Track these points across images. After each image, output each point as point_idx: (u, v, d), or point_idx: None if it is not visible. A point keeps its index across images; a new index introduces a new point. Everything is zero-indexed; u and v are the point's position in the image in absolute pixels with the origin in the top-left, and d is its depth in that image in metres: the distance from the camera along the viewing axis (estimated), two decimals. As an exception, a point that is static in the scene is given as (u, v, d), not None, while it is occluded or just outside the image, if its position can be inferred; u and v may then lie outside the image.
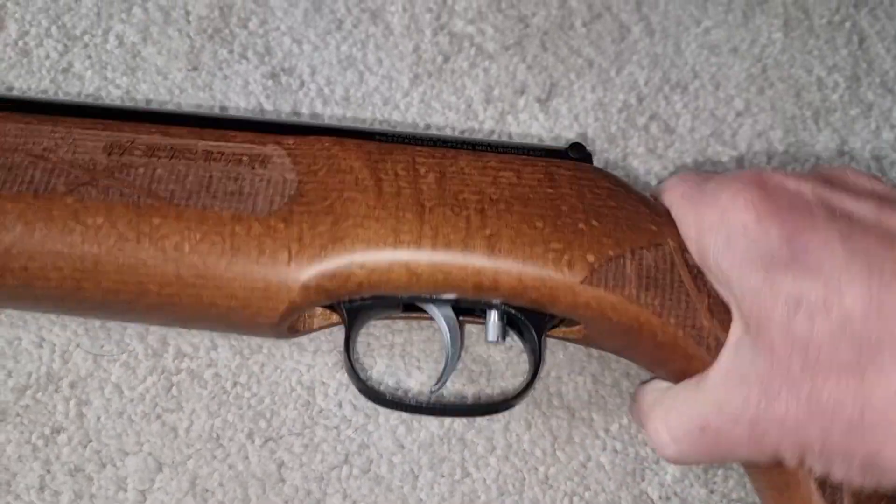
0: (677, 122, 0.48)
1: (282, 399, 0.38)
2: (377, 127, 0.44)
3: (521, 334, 0.37)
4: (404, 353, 0.40)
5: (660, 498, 0.39)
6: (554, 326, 0.37)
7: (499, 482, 0.38)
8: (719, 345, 0.33)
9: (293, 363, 0.39)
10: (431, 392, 0.36)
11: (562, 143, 0.46)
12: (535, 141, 0.46)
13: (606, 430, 0.40)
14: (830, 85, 0.50)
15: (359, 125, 0.44)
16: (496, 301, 0.34)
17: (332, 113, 0.45)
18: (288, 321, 0.34)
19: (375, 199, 0.33)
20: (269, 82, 0.46)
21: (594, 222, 0.34)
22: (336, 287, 0.33)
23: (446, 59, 0.47)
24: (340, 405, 0.39)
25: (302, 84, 0.46)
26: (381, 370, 0.39)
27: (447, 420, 0.39)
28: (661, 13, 0.51)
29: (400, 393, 0.38)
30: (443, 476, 0.38)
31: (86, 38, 0.46)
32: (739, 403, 0.30)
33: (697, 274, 0.34)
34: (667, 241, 0.34)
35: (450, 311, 0.36)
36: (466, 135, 0.46)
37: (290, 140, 0.35)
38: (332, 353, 0.39)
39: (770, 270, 0.30)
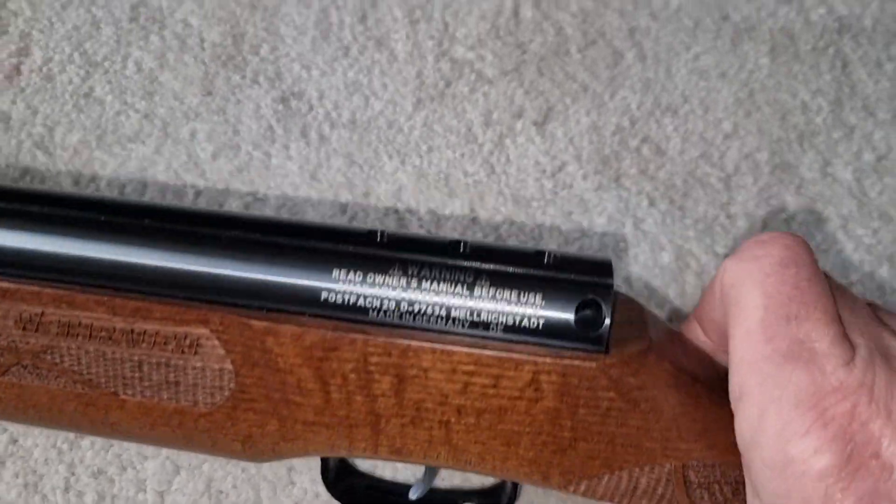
0: (668, 144, 0.50)
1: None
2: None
3: None
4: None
5: None
6: None
7: (495, 487, 0.40)
8: None
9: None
10: (412, 499, 0.35)
11: (557, 164, 0.48)
12: (531, 163, 0.48)
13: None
14: (815, 108, 0.52)
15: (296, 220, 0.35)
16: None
17: (339, 135, 0.48)
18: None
19: (323, 405, 0.29)
20: (280, 106, 0.48)
21: (581, 443, 0.29)
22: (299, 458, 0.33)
23: (448, 84, 0.50)
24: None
25: (311, 108, 0.48)
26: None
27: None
28: (653, 40, 0.53)
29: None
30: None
31: (106, 63, 0.48)
32: None
33: (696, 488, 0.29)
34: (668, 463, 0.29)
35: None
36: (466, 158, 0.48)
37: (217, 319, 0.30)
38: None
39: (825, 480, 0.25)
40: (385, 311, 0.29)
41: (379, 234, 0.30)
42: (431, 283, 0.29)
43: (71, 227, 0.30)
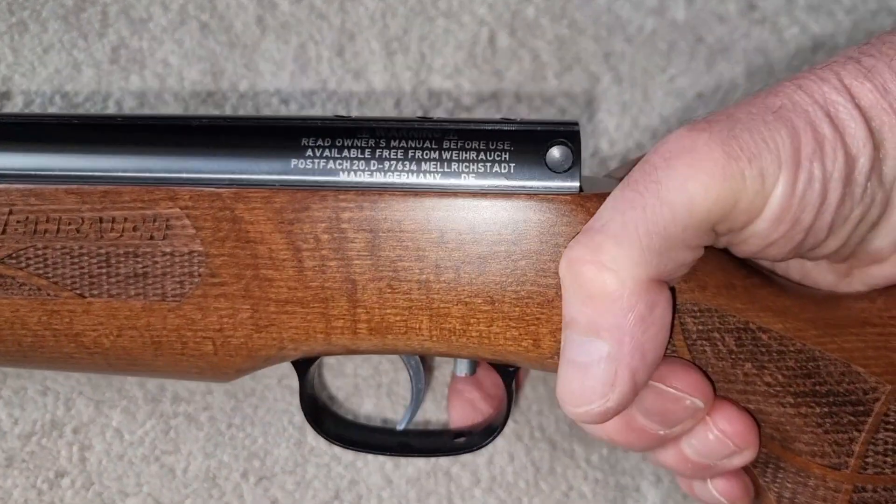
0: (647, 164, 0.50)
1: (274, 439, 0.40)
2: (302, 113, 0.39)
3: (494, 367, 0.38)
4: (391, 393, 0.42)
5: (640, 524, 0.40)
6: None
7: (484, 513, 0.40)
8: None
9: (285, 404, 0.41)
10: (398, 430, 0.36)
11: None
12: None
13: (587, 461, 0.41)
14: (792, 125, 0.53)
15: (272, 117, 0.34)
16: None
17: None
18: (237, 378, 0.33)
19: (297, 276, 0.29)
20: (260, 140, 0.49)
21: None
22: (273, 362, 0.31)
23: (426, 114, 0.50)
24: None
25: (290, 141, 0.49)
26: (368, 409, 0.41)
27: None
28: (629, 63, 0.54)
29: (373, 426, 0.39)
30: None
31: (87, 105, 0.49)
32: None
33: (693, 332, 0.29)
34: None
35: (415, 358, 0.35)
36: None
37: (186, 195, 0.29)
38: (321, 393, 0.41)
39: None
40: (355, 171, 0.29)
41: (346, 116, 0.30)
42: (399, 142, 0.29)
43: (46, 131, 0.31)
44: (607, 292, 0.26)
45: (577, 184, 0.29)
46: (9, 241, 0.29)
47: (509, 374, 0.34)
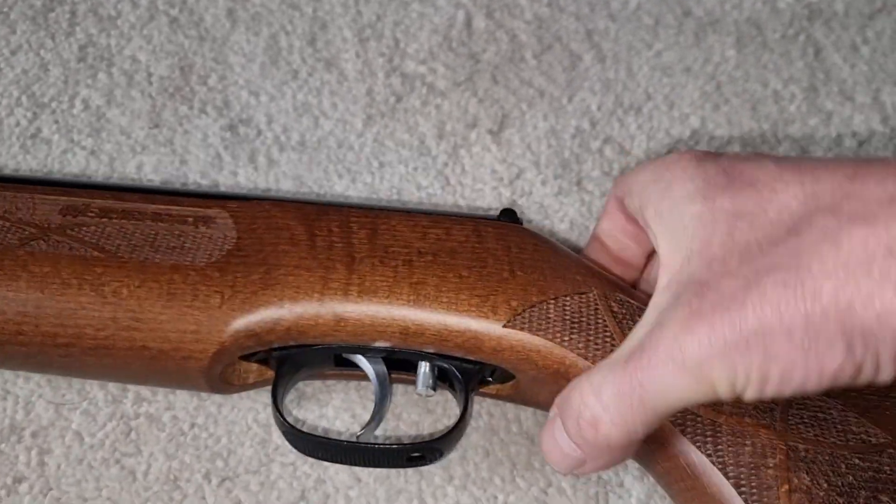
0: (632, 143, 0.48)
1: (238, 438, 0.39)
2: (324, 199, 0.45)
3: (452, 388, 0.37)
4: (359, 388, 0.40)
5: (624, 519, 0.38)
6: (486, 384, 0.37)
7: (457, 511, 0.38)
8: None
9: (250, 402, 0.40)
10: (356, 437, 0.36)
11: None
12: (487, 172, 0.47)
13: (567, 453, 0.39)
14: (787, 97, 0.50)
15: (301, 198, 0.45)
16: (427, 351, 0.35)
17: (288, 158, 0.47)
18: (218, 367, 0.35)
19: (308, 251, 0.35)
20: (227, 134, 0.47)
21: (518, 273, 0.35)
22: (265, 331, 0.34)
23: (399, 100, 0.49)
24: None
25: (259, 133, 0.47)
26: (336, 404, 0.40)
27: (421, 431, 0.39)
28: (612, 40, 0.51)
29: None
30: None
31: (53, 104, 0.48)
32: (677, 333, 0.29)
33: (622, 318, 0.34)
34: (591, 290, 0.35)
35: (381, 366, 0.36)
36: (419, 171, 0.47)
37: (234, 204, 0.37)
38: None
39: (709, 197, 0.30)
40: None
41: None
42: None
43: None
44: (597, 445, 0.31)
45: (520, 222, 0.39)
46: (76, 220, 0.36)
47: (471, 380, 0.36)
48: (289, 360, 0.36)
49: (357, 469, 0.38)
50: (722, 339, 0.27)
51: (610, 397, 0.30)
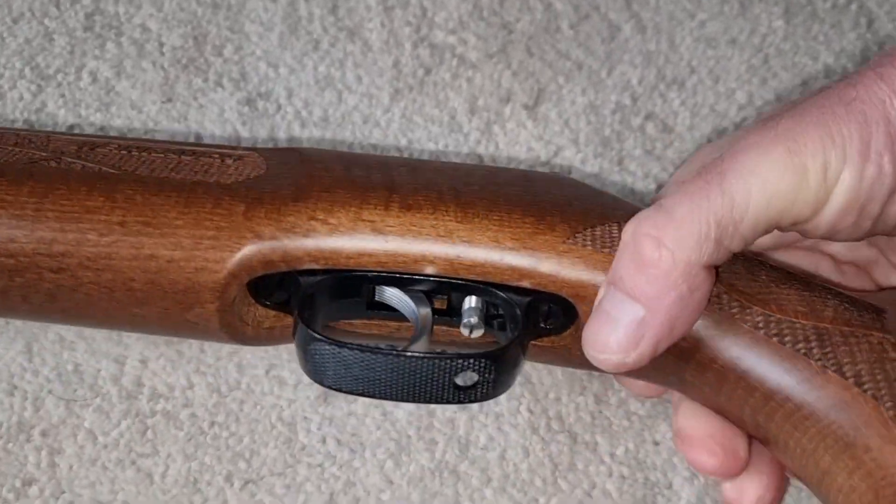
0: (675, 120, 0.45)
1: (262, 437, 0.36)
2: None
3: (503, 330, 0.32)
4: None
5: (674, 525, 0.36)
6: (541, 333, 0.33)
7: (496, 515, 0.35)
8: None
9: (273, 398, 0.37)
10: (397, 349, 0.31)
11: (552, 149, 0.44)
12: (523, 149, 0.44)
13: (612, 455, 0.37)
14: (839, 71, 0.47)
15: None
16: (476, 282, 0.31)
17: (310, 135, 0.44)
18: (235, 288, 0.31)
19: (344, 176, 0.31)
20: (245, 108, 0.44)
21: (575, 202, 0.31)
22: (293, 245, 0.30)
23: (427, 72, 0.46)
24: (324, 441, 0.37)
25: (279, 108, 0.44)
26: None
27: (439, 451, 0.37)
28: (653, 9, 0.48)
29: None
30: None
31: (59, 76, 0.45)
32: None
33: None
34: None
35: (426, 307, 0.32)
36: (450, 149, 0.44)
37: (266, 150, 0.34)
38: (313, 385, 0.37)
39: None
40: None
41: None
42: None
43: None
44: (660, 268, 0.28)
45: None
46: (97, 151, 0.33)
47: (523, 311, 0.31)
48: (314, 297, 0.31)
49: (388, 470, 0.36)
50: (814, 107, 0.27)
51: (676, 203, 0.28)
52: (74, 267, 0.30)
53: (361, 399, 0.37)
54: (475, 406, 0.37)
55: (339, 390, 0.30)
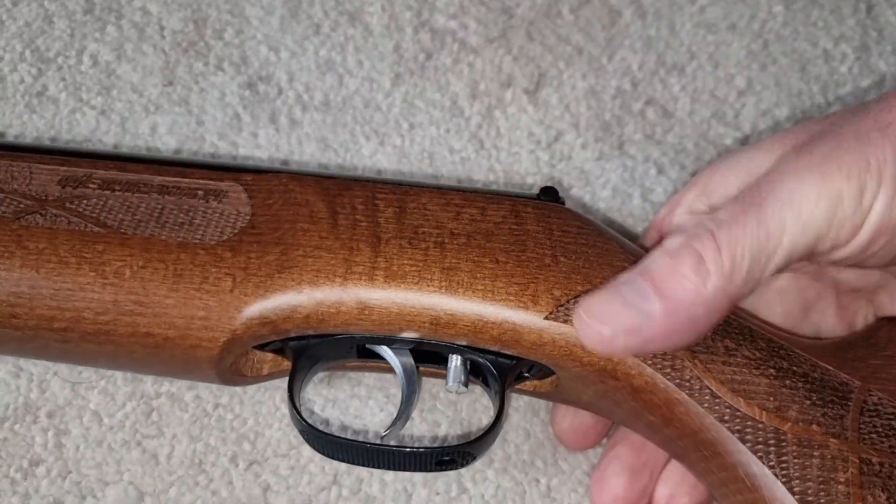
0: (675, 105, 0.45)
1: (266, 419, 0.37)
2: (346, 173, 0.42)
3: (486, 384, 0.34)
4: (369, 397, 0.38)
5: (672, 505, 0.36)
6: (523, 380, 0.34)
7: (498, 497, 0.36)
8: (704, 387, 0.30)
9: (277, 381, 0.37)
10: (381, 437, 0.33)
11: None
12: (524, 134, 0.44)
13: (611, 437, 0.37)
14: (838, 57, 0.47)
15: (322, 171, 0.40)
16: (460, 344, 0.32)
17: (311, 119, 0.44)
18: (230, 357, 0.32)
19: (329, 230, 0.32)
20: (246, 92, 0.44)
21: (562, 258, 0.32)
22: (281, 319, 0.31)
23: (428, 57, 0.46)
24: (328, 423, 0.37)
25: (280, 92, 0.44)
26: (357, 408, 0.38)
27: (441, 433, 0.37)
28: (653, -6, 0.48)
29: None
30: (437, 494, 0.36)
31: (59, 59, 0.45)
32: None
33: None
34: None
35: (409, 358, 0.33)
36: (451, 134, 0.44)
37: (249, 176, 0.34)
38: (316, 368, 0.38)
39: None
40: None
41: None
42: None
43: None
44: (693, 285, 0.28)
45: (562, 202, 0.35)
46: (76, 191, 0.33)
47: (506, 375, 0.32)
48: (307, 351, 0.33)
49: (392, 451, 0.36)
50: (850, 132, 0.28)
51: (722, 223, 0.28)
52: (77, 339, 0.32)
53: (365, 382, 0.38)
54: (478, 389, 0.38)
55: (333, 458, 0.33)
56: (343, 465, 0.36)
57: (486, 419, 0.37)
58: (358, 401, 0.38)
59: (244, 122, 0.44)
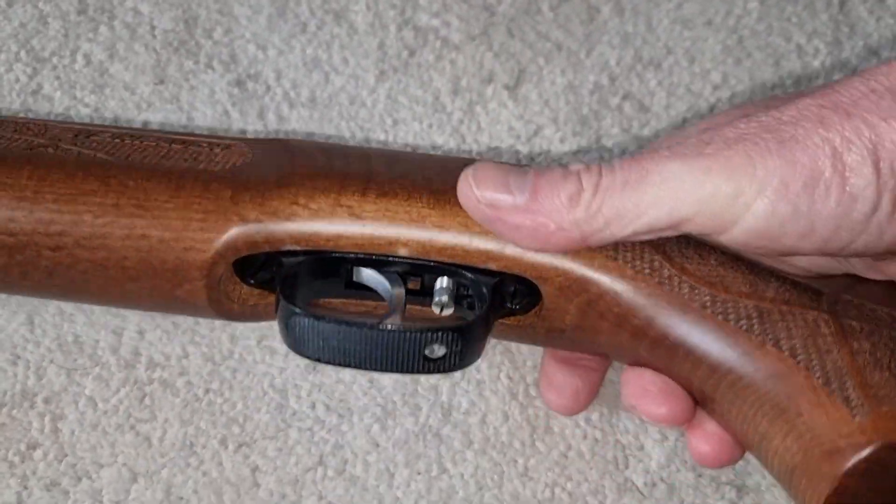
0: (652, 100, 0.47)
1: (254, 403, 0.38)
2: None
3: (472, 310, 0.34)
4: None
5: (645, 485, 0.38)
6: (507, 312, 0.35)
7: (477, 476, 0.37)
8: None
9: (265, 367, 0.39)
10: (373, 325, 0.32)
11: (532, 128, 0.46)
12: (504, 129, 0.45)
13: (587, 419, 0.39)
14: (811, 52, 0.49)
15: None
16: (447, 263, 0.33)
17: (298, 115, 0.45)
18: (221, 266, 0.33)
19: (325, 163, 0.34)
20: (235, 90, 0.46)
21: None
22: (276, 229, 0.32)
23: (412, 54, 0.47)
24: (314, 406, 0.38)
25: (268, 89, 0.46)
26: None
27: (423, 416, 0.39)
28: (631, -9, 0.50)
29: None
30: (419, 473, 0.37)
31: (54, 59, 0.46)
32: None
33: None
34: None
35: (400, 289, 0.33)
36: (434, 129, 0.45)
37: (251, 138, 0.36)
38: (302, 354, 0.39)
39: None
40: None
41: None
42: None
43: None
44: (559, 205, 0.31)
45: None
46: (92, 138, 0.35)
47: (488, 287, 0.33)
48: (295, 276, 0.33)
49: (375, 434, 0.38)
50: (750, 136, 0.29)
51: (611, 175, 0.30)
52: (71, 245, 0.32)
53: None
54: (458, 374, 0.39)
55: (318, 360, 0.32)
56: (328, 447, 0.38)
57: (466, 403, 0.39)
58: (343, 386, 0.39)
59: (233, 118, 0.45)
